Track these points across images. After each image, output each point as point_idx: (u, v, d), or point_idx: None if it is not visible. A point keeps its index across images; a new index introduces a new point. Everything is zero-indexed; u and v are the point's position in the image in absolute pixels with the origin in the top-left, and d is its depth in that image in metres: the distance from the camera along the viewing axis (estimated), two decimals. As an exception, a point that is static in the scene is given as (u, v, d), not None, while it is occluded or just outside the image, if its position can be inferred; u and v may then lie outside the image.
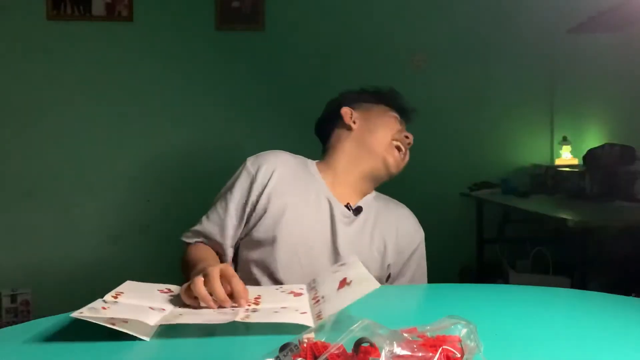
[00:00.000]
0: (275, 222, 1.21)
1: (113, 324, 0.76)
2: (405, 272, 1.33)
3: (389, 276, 1.33)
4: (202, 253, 1.21)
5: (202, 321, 0.80)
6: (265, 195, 1.22)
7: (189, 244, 1.27)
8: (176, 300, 0.91)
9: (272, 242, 1.21)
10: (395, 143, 1.33)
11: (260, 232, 1.22)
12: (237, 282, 0.91)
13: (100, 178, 2.92)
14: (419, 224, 1.38)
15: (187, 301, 0.89)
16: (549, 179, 2.93)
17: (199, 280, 0.88)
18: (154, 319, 0.80)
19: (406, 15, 3.04)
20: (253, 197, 1.23)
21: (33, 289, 2.83)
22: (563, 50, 3.04)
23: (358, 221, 1.27)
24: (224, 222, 1.24)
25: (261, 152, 1.30)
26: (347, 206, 1.28)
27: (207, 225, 1.25)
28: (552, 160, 3.14)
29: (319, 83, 2.61)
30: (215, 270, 0.90)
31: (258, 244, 1.23)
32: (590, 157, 2.72)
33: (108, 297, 0.86)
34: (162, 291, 0.96)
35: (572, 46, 3.02)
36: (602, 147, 2.72)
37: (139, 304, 0.85)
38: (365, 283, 0.86)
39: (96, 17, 2.87)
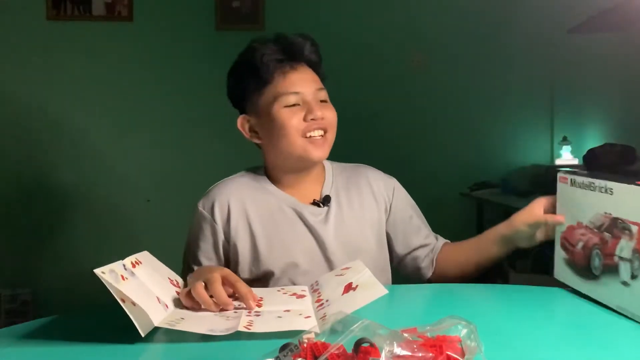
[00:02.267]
0: (254, 259, 1.15)
1: (123, 301, 0.76)
2: (398, 224, 1.26)
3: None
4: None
5: (204, 331, 0.79)
6: (233, 232, 1.16)
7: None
8: (179, 300, 0.91)
9: (262, 277, 1.15)
10: (309, 140, 1.13)
11: (245, 273, 1.16)
12: (241, 285, 0.91)
13: (100, 177, 2.92)
14: (384, 173, 1.31)
15: (188, 304, 0.89)
16: (549, 178, 2.92)
17: (200, 285, 0.88)
18: (158, 316, 0.80)
19: (406, 14, 3.04)
20: (221, 240, 1.16)
21: (32, 290, 2.83)
22: (563, 50, 3.04)
23: (332, 212, 1.18)
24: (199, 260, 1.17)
25: (208, 190, 1.22)
26: (315, 203, 1.19)
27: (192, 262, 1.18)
28: (552, 160, 3.14)
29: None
30: (215, 275, 0.90)
31: (249, 281, 1.12)
32: (591, 157, 2.72)
33: (127, 262, 0.86)
34: (171, 281, 0.96)
35: (572, 46, 3.02)
36: (602, 147, 2.72)
37: (150, 287, 0.86)
38: (372, 289, 0.85)
39: (96, 17, 2.87)
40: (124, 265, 0.83)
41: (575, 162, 3.03)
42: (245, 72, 1.17)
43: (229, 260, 1.17)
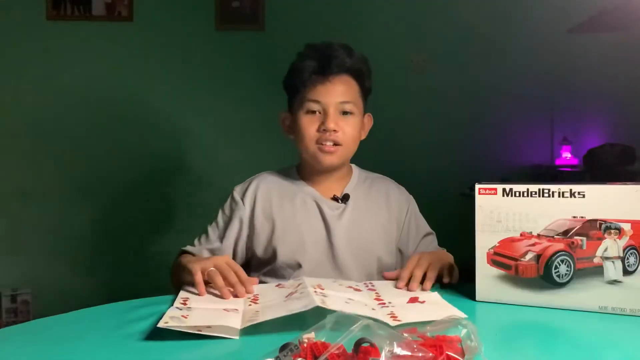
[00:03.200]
0: (268, 239, 1.27)
1: (199, 330, 0.79)
2: (409, 241, 1.35)
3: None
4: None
5: (284, 312, 0.83)
6: (257, 216, 1.29)
7: (183, 252, 1.30)
8: (242, 302, 0.96)
9: (273, 258, 1.26)
10: (320, 147, 1.25)
11: (259, 251, 1.28)
12: (242, 272, 1.04)
13: (100, 178, 2.92)
14: (403, 189, 1.41)
15: (204, 292, 1.00)
16: (549, 178, 2.93)
17: (216, 274, 1.01)
18: (235, 321, 0.84)
19: (406, 15, 3.04)
20: (245, 222, 1.30)
21: (33, 290, 2.83)
22: (563, 51, 3.03)
23: (348, 210, 1.29)
24: (224, 235, 1.30)
25: (247, 180, 1.36)
26: (334, 198, 1.31)
27: (209, 241, 1.31)
28: (553, 160, 3.15)
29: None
30: (222, 262, 1.04)
31: (261, 262, 1.29)
32: (591, 157, 2.73)
33: (178, 304, 0.92)
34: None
35: (572, 46, 3.02)
36: (602, 147, 2.73)
37: (213, 307, 0.92)
38: (446, 308, 0.90)
39: (96, 17, 2.87)
40: (177, 308, 0.89)
41: (575, 162, 3.03)
42: (290, 75, 1.30)
43: (238, 243, 1.30)
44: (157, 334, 0.80)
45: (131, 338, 0.80)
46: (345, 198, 1.30)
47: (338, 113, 1.24)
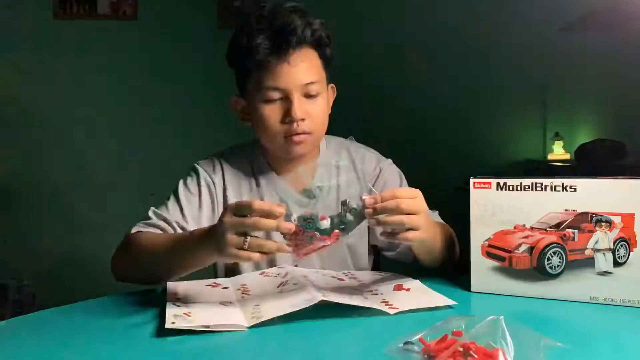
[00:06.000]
0: None
1: (208, 327, 0.78)
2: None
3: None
4: (168, 235, 1.07)
5: (290, 309, 0.80)
6: (227, 198, 1.15)
7: (129, 234, 1.11)
8: (232, 293, 0.95)
9: None
10: (289, 139, 1.07)
11: None
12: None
13: (105, 174, 2.94)
14: (373, 152, 1.25)
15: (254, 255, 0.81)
16: (541, 173, 2.96)
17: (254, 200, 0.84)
18: (239, 318, 0.81)
19: (403, 14, 3.05)
20: (215, 202, 1.15)
21: (38, 282, 2.86)
22: (556, 48, 3.06)
23: (319, 204, 1.05)
24: (184, 210, 1.13)
25: (209, 157, 1.22)
26: (305, 191, 1.06)
27: (167, 214, 1.13)
28: (545, 155, 3.18)
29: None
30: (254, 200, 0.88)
31: None
32: (582, 152, 2.76)
33: (172, 300, 0.89)
34: (211, 285, 1.01)
35: (564, 44, 3.04)
36: (593, 142, 2.76)
37: (209, 301, 0.90)
38: (431, 295, 0.92)
39: (101, 15, 2.89)
40: (175, 305, 0.86)
41: (567, 157, 3.07)
42: (235, 52, 1.08)
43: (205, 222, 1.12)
44: (163, 323, 0.80)
45: (136, 328, 0.81)
46: (314, 195, 1.06)
47: (302, 97, 1.05)
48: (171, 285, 0.98)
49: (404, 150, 3.06)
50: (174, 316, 0.80)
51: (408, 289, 0.95)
